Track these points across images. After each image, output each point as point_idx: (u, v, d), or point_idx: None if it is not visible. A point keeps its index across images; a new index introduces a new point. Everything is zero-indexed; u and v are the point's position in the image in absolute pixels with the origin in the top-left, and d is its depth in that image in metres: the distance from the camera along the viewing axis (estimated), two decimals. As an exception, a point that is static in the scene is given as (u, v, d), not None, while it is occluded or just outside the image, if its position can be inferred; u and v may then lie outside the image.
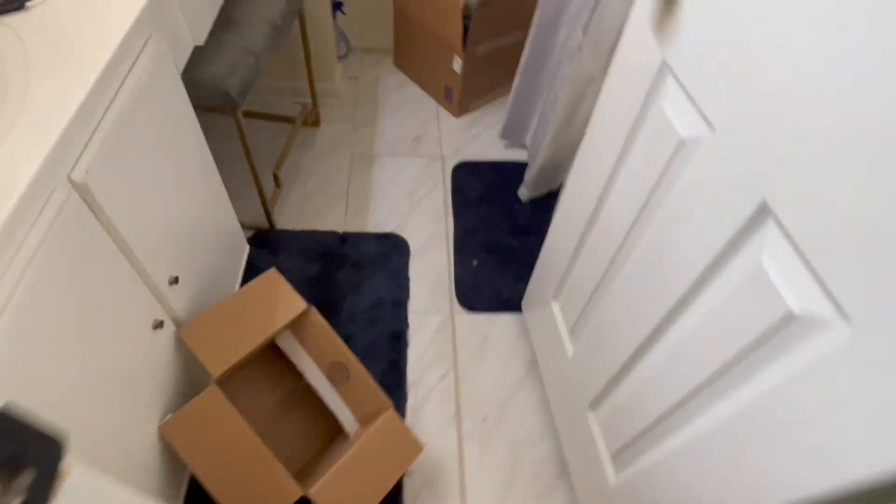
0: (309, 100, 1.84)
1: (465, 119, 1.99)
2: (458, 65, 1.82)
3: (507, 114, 1.77)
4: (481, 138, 1.92)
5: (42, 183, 0.63)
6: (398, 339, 1.40)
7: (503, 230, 1.65)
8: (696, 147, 0.66)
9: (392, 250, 1.58)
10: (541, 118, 1.64)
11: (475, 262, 1.57)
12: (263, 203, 1.49)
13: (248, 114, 1.87)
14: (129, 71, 0.82)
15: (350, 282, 1.50)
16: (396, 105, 2.01)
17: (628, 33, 0.79)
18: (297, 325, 1.09)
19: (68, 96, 0.69)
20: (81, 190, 0.70)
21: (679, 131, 0.68)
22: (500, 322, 1.47)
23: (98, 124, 0.74)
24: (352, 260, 1.54)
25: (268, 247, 1.55)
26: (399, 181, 1.76)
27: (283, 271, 1.41)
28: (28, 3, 0.79)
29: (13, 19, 0.77)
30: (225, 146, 1.36)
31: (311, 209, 1.66)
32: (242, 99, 1.21)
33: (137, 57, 0.84)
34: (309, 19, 1.71)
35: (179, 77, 0.98)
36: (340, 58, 2.13)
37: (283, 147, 1.71)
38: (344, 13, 2.09)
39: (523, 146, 1.89)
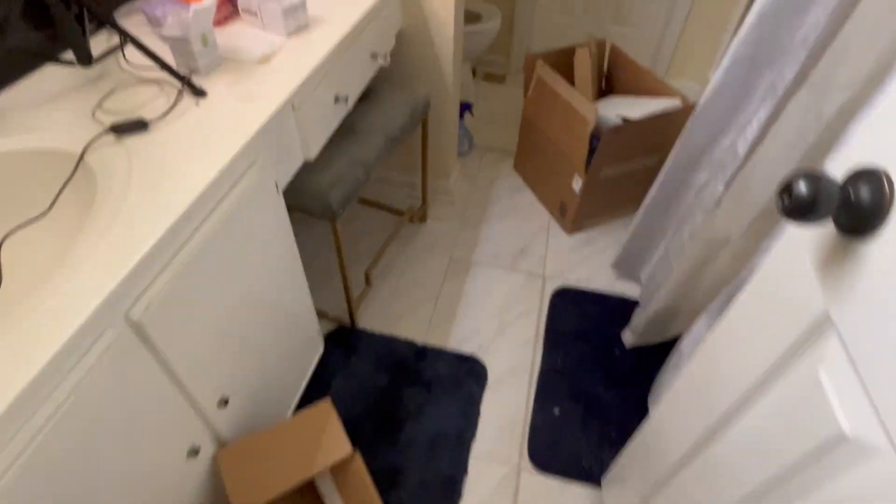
0: (420, 197, 1.84)
1: (577, 237, 1.84)
2: (577, 184, 1.71)
3: (624, 245, 1.60)
4: (590, 262, 1.76)
5: (97, 321, 0.61)
6: (452, 487, 1.25)
7: (597, 377, 1.45)
8: (866, 455, 0.46)
9: (467, 375, 1.45)
10: (661, 261, 1.45)
11: (557, 411, 1.39)
12: (349, 302, 1.46)
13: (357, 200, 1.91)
14: (226, 195, 0.81)
15: (416, 403, 1.39)
16: (507, 210, 1.94)
17: (783, 248, 0.62)
18: (338, 468, 1.00)
19: (153, 225, 0.68)
20: (137, 328, 0.68)
21: (841, 422, 0.49)
22: (573, 494, 1.25)
23: (177, 253, 0.73)
24: (424, 378, 1.44)
25: (344, 346, 1.50)
26: (492, 296, 1.65)
27: (353, 376, 1.36)
28: (152, 125, 0.83)
29: (134, 141, 0.81)
30: (323, 230, 1.35)
31: (396, 310, 1.60)
32: (343, 210, 1.19)
33: (238, 181, 0.84)
34: (433, 122, 1.72)
35: (279, 193, 0.98)
36: (461, 154, 2.13)
37: (382, 242, 1.69)
38: (472, 115, 2.10)
39: (636, 280, 1.69)
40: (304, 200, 1.17)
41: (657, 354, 1.47)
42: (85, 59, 0.88)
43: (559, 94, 1.67)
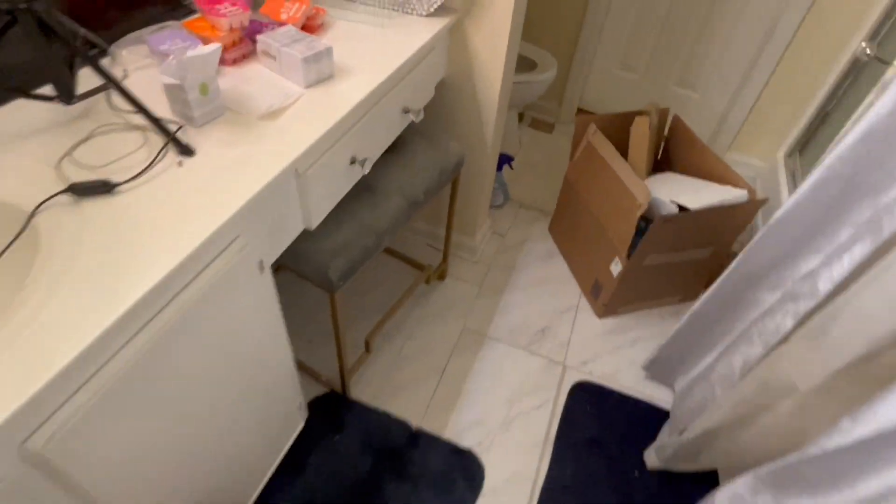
0: (441, 251, 1.68)
1: (608, 322, 1.65)
2: (616, 268, 1.52)
3: (661, 347, 1.41)
4: (619, 354, 1.57)
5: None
6: None
7: (609, 503, 1.26)
8: None
9: (462, 476, 1.27)
10: (702, 380, 1.25)
11: (557, 539, 1.20)
12: (342, 372, 1.31)
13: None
14: (191, 282, 0.68)
15: (398, 503, 1.22)
16: (534, 279, 1.76)
17: None
18: None
19: (80, 332, 0.54)
20: (37, 460, 0.54)
21: None
22: None
23: (109, 361, 0.59)
24: (412, 470, 1.27)
25: (330, 417, 1.35)
26: (504, 380, 1.48)
27: (334, 455, 1.24)
28: (119, 188, 0.70)
29: (94, 205, 0.68)
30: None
31: (396, 381, 1.45)
32: (343, 283, 1.05)
33: (209, 263, 0.70)
34: (466, 176, 1.57)
35: (266, 272, 0.84)
36: (494, 207, 1.97)
37: (392, 299, 1.54)
38: (511, 168, 1.95)
39: (668, 386, 1.49)
40: (299, 264, 1.03)
41: (684, 485, 1.27)
42: (66, 95, 0.76)
43: (609, 166, 1.49)
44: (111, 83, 0.71)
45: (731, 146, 2.27)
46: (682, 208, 1.41)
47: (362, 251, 1.06)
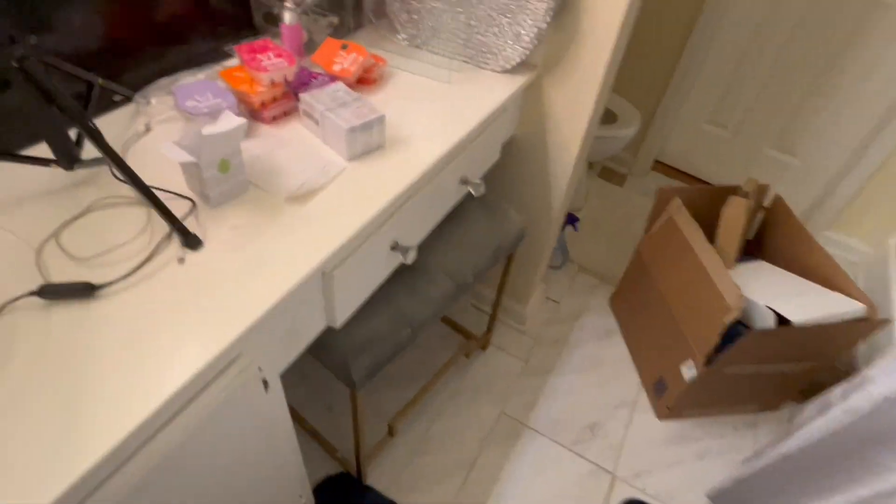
0: (487, 313, 1.51)
1: (671, 427, 1.43)
2: (689, 371, 1.30)
3: (735, 482, 1.17)
4: (681, 469, 1.34)
5: None
6: None
7: None
8: None
9: None
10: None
11: None
12: (358, 459, 1.16)
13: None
14: (175, 416, 0.54)
15: None
16: (588, 361, 1.56)
17: None
18: None
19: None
20: None
21: None
22: None
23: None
24: (424, 587, 1.10)
25: (340, 499, 1.20)
26: (541, 484, 1.28)
27: None
28: (100, 291, 0.57)
29: (68, 312, 0.55)
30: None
31: (418, 468, 1.28)
32: (367, 383, 0.89)
33: (201, 391, 0.56)
34: (525, 241, 1.40)
35: (272, 390, 0.69)
36: (552, 268, 1.78)
37: (423, 375, 1.38)
38: (576, 229, 1.75)
39: (740, 523, 1.25)
40: (318, 353, 0.89)
41: None
42: (66, 161, 0.65)
43: (693, 252, 1.28)
44: (108, 158, 0.58)
45: (833, 223, 1.98)
46: (779, 316, 1.18)
47: (393, 346, 0.90)
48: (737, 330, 1.17)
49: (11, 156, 0.63)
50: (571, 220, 1.68)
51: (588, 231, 1.94)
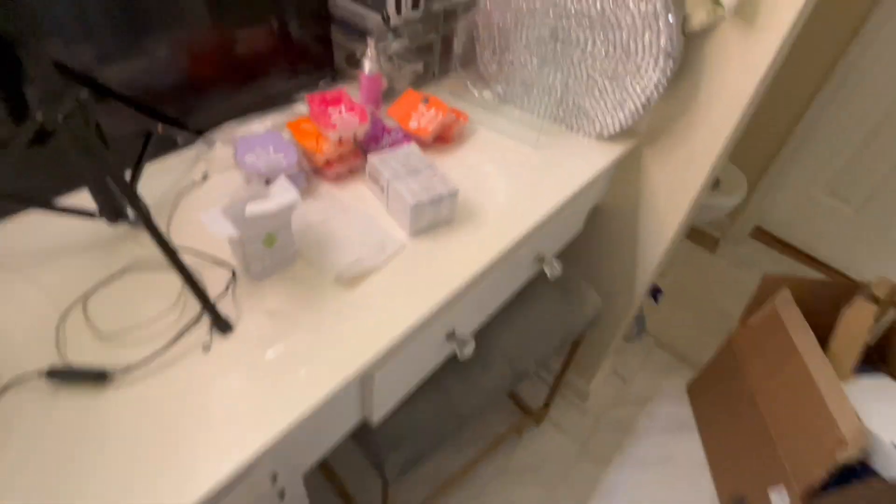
0: (547, 383, 1.37)
1: (747, 555, 1.21)
2: (781, 500, 1.09)
3: None
4: None
5: None
6: None
7: None
8: None
9: None
10: None
11: None
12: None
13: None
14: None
15: None
16: (655, 456, 1.37)
17: None
18: None
19: None
20: None
21: None
22: None
23: None
24: None
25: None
26: None
27: None
28: (114, 378, 0.50)
29: (74, 399, 0.49)
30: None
31: (449, 552, 1.16)
32: (402, 478, 0.79)
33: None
34: (601, 317, 1.25)
35: (295, 492, 0.60)
36: (626, 340, 1.61)
37: (467, 449, 1.26)
38: (657, 303, 1.57)
39: None
40: (354, 435, 0.79)
41: None
42: (110, 214, 0.60)
43: (800, 358, 1.08)
44: (143, 221, 0.52)
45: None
46: (910, 461, 0.96)
47: (435, 440, 0.80)
48: (853, 469, 0.96)
49: (55, 208, 0.59)
50: (654, 292, 1.51)
51: (670, 300, 1.74)
